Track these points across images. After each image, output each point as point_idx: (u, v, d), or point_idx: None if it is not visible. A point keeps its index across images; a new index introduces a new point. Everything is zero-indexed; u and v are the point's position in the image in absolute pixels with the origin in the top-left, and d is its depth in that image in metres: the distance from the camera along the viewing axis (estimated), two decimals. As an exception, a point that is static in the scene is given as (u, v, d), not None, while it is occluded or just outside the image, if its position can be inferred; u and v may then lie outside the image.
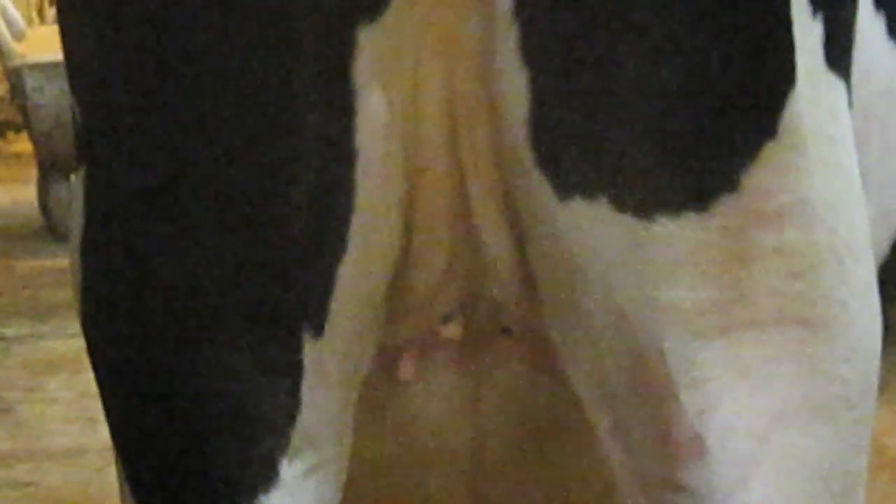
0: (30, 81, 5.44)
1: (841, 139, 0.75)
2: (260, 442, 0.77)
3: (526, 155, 0.70)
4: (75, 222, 0.84)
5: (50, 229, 6.03)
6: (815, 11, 0.72)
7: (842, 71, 0.76)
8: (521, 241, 0.76)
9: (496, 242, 0.77)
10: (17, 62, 5.53)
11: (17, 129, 7.19)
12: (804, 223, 0.72)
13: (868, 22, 0.86)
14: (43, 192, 5.97)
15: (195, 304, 0.76)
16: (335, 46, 0.68)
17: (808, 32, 0.71)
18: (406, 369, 0.85)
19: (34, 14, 7.64)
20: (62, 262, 3.86)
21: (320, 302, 0.74)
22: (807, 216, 0.72)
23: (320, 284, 0.73)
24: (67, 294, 2.85)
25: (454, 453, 0.91)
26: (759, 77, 0.69)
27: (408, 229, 0.77)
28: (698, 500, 0.75)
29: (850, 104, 0.77)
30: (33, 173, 6.13)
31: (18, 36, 5.94)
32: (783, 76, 0.68)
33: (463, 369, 0.86)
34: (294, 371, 0.75)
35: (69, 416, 3.40)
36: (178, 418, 0.78)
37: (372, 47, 0.67)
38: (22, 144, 7.24)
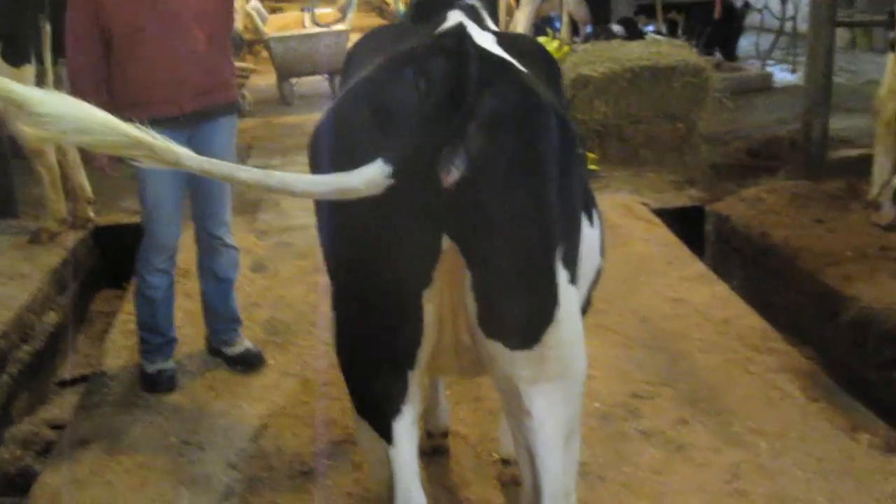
0: (272, 44, 10.36)
1: (575, 310, 2.19)
2: (390, 400, 2.20)
3: (476, 323, 2.12)
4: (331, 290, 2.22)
5: (284, 101, 10.45)
6: (561, 250, 2.13)
7: (568, 272, 2.14)
8: (475, 341, 2.16)
9: (467, 340, 2.20)
10: (266, 35, 10.47)
11: (260, 46, 11.68)
12: (562, 346, 2.17)
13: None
14: (278, 84, 10.63)
15: (363, 349, 2.21)
16: (415, 296, 2.07)
17: (561, 273, 2.11)
18: (436, 365, 2.30)
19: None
20: (290, 119, 9.50)
21: (413, 358, 2.16)
22: (562, 344, 2.16)
23: (412, 354, 2.16)
24: (295, 141, 7.97)
25: (450, 359, 2.29)
26: (544, 303, 2.10)
27: (439, 340, 2.19)
28: (530, 426, 2.20)
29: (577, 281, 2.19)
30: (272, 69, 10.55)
31: (264, 21, 10.85)
32: (555, 301, 2.11)
33: (456, 362, 2.32)
34: (405, 379, 2.20)
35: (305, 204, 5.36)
36: (361, 387, 2.28)
37: (427, 294, 2.08)
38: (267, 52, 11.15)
